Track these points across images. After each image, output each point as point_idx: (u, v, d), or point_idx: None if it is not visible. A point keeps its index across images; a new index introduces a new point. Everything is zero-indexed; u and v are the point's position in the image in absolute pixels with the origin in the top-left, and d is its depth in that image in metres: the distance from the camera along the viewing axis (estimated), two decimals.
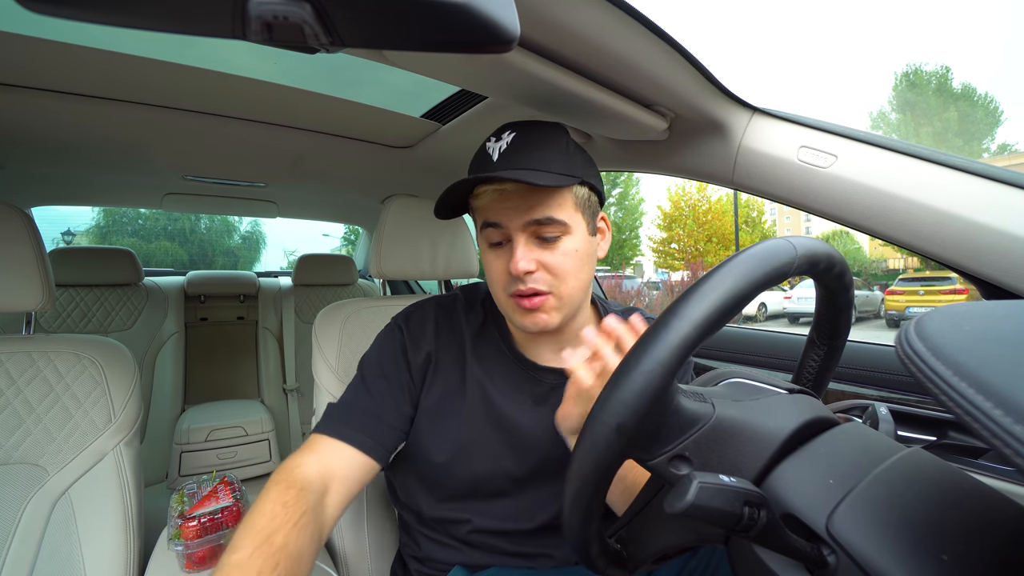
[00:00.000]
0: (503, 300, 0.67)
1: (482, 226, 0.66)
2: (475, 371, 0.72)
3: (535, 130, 0.64)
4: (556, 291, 0.64)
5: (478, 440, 0.70)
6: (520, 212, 0.62)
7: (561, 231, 0.63)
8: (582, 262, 0.65)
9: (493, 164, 0.63)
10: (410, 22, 0.24)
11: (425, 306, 0.78)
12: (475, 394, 0.71)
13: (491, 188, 0.63)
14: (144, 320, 1.99)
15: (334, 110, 1.08)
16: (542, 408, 0.71)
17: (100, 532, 0.78)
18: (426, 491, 0.74)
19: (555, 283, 0.63)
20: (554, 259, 0.63)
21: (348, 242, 12.45)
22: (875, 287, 14.94)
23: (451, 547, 0.73)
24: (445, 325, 0.75)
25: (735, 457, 0.38)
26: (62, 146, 1.22)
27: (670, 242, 19.50)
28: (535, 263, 0.62)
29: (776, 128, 0.76)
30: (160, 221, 18.60)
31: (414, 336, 0.73)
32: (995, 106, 22.80)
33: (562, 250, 0.63)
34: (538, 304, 0.63)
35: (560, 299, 0.64)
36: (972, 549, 0.29)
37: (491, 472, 0.70)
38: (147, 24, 0.24)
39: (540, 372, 0.72)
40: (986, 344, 0.24)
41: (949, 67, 22.99)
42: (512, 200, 0.62)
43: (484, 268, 0.69)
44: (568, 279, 0.64)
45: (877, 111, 25.12)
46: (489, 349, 0.73)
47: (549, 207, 0.62)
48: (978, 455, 0.72)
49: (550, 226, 0.62)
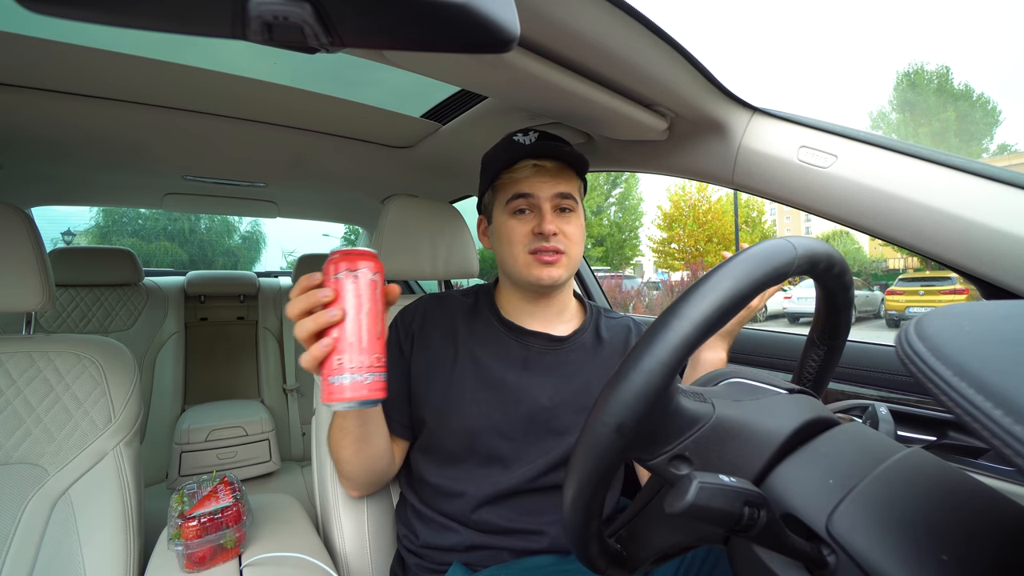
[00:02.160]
0: (521, 258, 0.78)
1: (512, 197, 0.78)
2: (466, 340, 0.82)
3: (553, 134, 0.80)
4: (568, 252, 0.78)
5: (468, 396, 0.78)
6: (551, 185, 0.77)
7: (573, 206, 0.79)
8: (583, 236, 0.82)
9: (528, 148, 0.76)
10: (410, 22, 0.24)
11: (418, 301, 0.89)
12: (465, 357, 0.80)
13: (530, 163, 0.77)
14: (144, 320, 1.99)
15: (334, 110, 1.08)
16: (529, 370, 0.80)
17: (100, 532, 0.78)
18: (427, 456, 0.80)
19: (568, 245, 0.78)
20: (569, 228, 0.79)
21: (348, 242, 12.45)
22: (875, 287, 14.94)
23: (449, 530, 0.76)
24: (434, 309, 0.86)
25: (735, 457, 0.38)
26: (62, 146, 1.22)
27: (670, 242, 19.51)
28: (556, 227, 0.77)
29: (776, 128, 0.75)
30: (160, 221, 18.60)
31: (406, 325, 0.84)
32: (993, 106, 22.81)
33: (575, 223, 0.80)
34: (555, 260, 0.77)
35: (570, 259, 0.79)
36: (972, 549, 0.29)
37: (482, 426, 0.76)
38: (147, 24, 0.24)
39: (527, 337, 0.82)
40: (986, 344, 0.24)
41: (949, 67, 23.00)
42: (546, 176, 0.77)
43: (503, 234, 0.80)
44: (576, 245, 0.80)
45: (877, 111, 25.12)
46: (480, 321, 0.84)
47: (571, 185, 0.79)
48: (978, 455, 0.72)
49: (569, 200, 0.78)
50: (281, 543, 0.80)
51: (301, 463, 2.03)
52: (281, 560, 0.75)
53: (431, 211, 1.12)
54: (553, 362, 0.82)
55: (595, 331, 0.87)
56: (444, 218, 1.13)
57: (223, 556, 0.75)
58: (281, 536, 0.83)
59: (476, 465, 0.76)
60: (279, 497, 0.98)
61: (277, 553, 0.76)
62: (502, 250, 0.81)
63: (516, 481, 0.75)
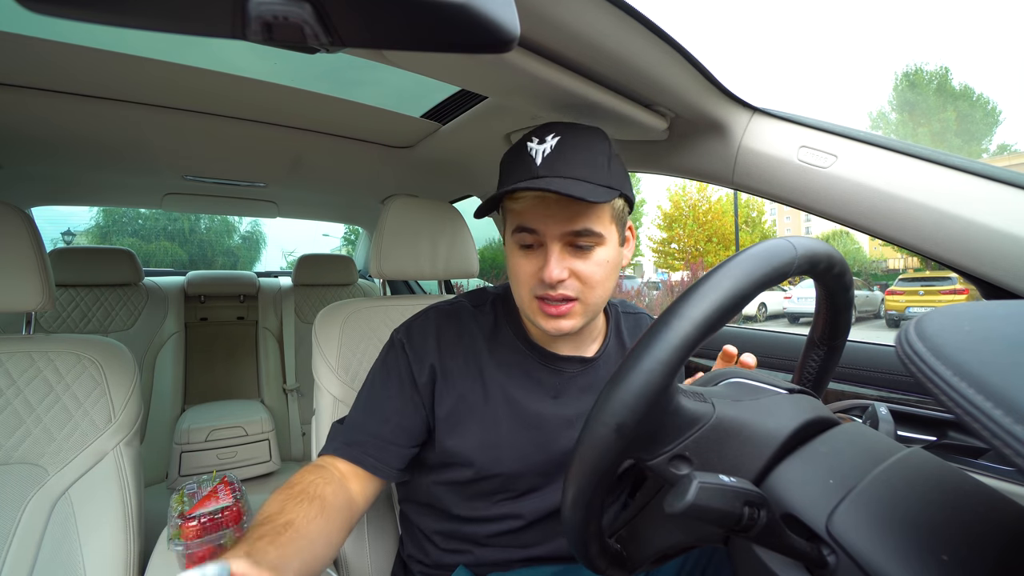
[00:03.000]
0: (527, 301, 0.67)
1: (516, 229, 0.65)
2: (494, 373, 0.72)
3: (580, 136, 0.62)
4: (584, 298, 0.64)
5: (507, 440, 0.69)
6: (559, 221, 0.61)
7: (595, 241, 0.63)
8: (611, 271, 0.65)
9: (536, 167, 0.60)
10: (410, 22, 0.24)
11: (427, 316, 0.76)
12: (496, 395, 0.71)
13: (532, 193, 0.61)
14: (144, 320, 1.99)
15: (334, 110, 1.08)
16: (563, 398, 0.72)
17: (100, 532, 0.78)
18: (455, 494, 0.73)
19: (584, 290, 0.64)
20: (586, 268, 0.63)
21: (348, 242, 12.45)
22: (875, 287, 14.93)
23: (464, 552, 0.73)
24: (449, 334, 0.74)
25: (735, 457, 0.38)
26: (62, 146, 1.22)
27: (670, 242, 19.50)
28: (567, 271, 0.62)
29: (776, 128, 0.75)
30: (160, 221, 18.59)
31: (417, 351, 0.72)
32: (993, 106, 22.80)
33: (595, 260, 0.63)
34: (565, 311, 0.64)
35: (586, 305, 0.65)
36: (972, 549, 0.29)
37: (522, 470, 0.70)
38: (147, 24, 0.24)
39: (559, 362, 0.73)
40: (986, 344, 0.24)
41: (948, 68, 22.99)
42: (552, 208, 0.61)
43: (509, 266, 0.69)
44: (597, 288, 0.64)
45: (877, 111, 25.12)
46: (505, 349, 0.73)
47: (588, 219, 0.61)
48: (978, 455, 0.72)
49: (587, 237, 0.62)
50: None
51: (301, 463, 2.03)
52: None
53: (431, 211, 1.12)
54: (584, 383, 0.75)
55: (617, 337, 0.80)
56: (444, 218, 1.13)
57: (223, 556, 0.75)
58: None
59: (510, 498, 0.72)
60: None
61: None
62: (511, 281, 0.70)
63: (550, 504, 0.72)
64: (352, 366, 0.97)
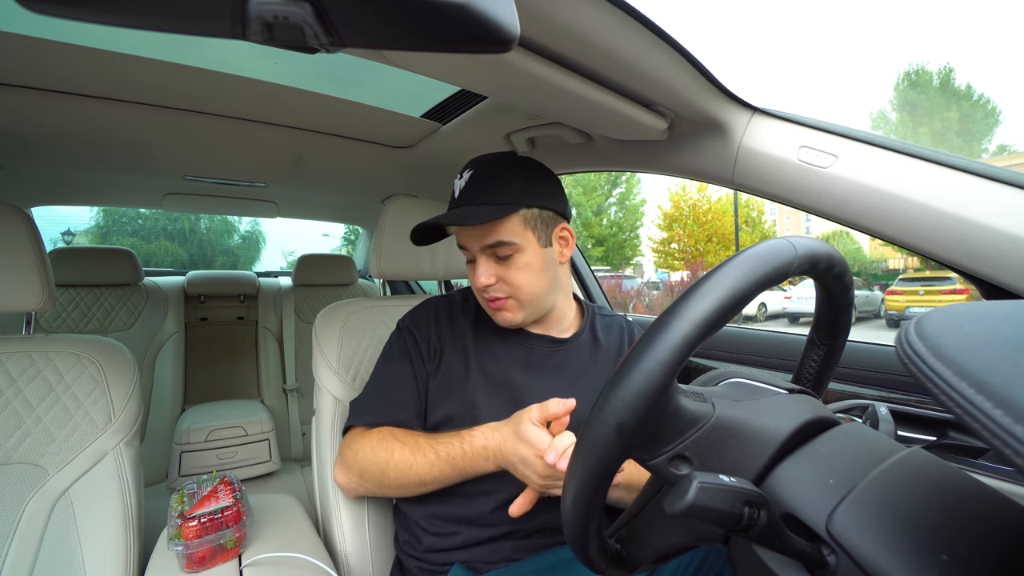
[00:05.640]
0: (480, 300, 0.82)
1: (459, 247, 0.81)
2: (477, 350, 0.84)
3: (488, 167, 0.77)
4: (515, 296, 0.78)
5: (483, 399, 0.79)
6: (475, 238, 0.77)
7: (512, 250, 0.76)
8: (537, 271, 0.78)
9: (455, 199, 0.78)
10: (410, 22, 0.24)
11: (425, 305, 0.91)
12: (476, 366, 0.82)
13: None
14: (144, 320, 1.99)
15: (334, 110, 1.08)
16: (534, 371, 0.83)
17: (100, 532, 0.78)
18: None
19: (512, 291, 0.77)
20: (508, 273, 0.77)
21: (348, 242, 12.44)
22: (875, 287, 14.92)
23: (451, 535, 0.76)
24: (445, 318, 0.88)
25: (735, 457, 0.38)
26: (62, 146, 1.22)
27: (670, 242, 19.49)
28: (494, 277, 0.77)
29: (776, 128, 0.75)
30: (160, 221, 18.57)
31: (421, 331, 0.86)
32: (993, 106, 22.80)
33: (515, 265, 0.77)
34: (503, 306, 0.79)
35: (520, 302, 0.79)
36: (973, 549, 0.29)
37: None
38: (147, 24, 0.24)
39: (529, 339, 0.85)
40: (986, 344, 0.24)
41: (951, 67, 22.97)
42: (468, 229, 0.77)
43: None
44: (523, 287, 0.77)
45: (877, 111, 25.11)
46: (486, 332, 0.86)
47: (497, 232, 0.75)
48: (978, 455, 0.72)
49: (502, 247, 0.75)
50: (281, 543, 0.80)
51: (301, 463, 2.03)
52: (281, 560, 0.75)
53: (431, 211, 1.12)
54: (557, 362, 0.84)
55: (591, 332, 0.89)
56: None
57: (223, 556, 0.75)
58: (281, 536, 0.83)
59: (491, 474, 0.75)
60: (279, 497, 0.98)
61: (277, 553, 0.76)
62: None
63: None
64: (352, 366, 0.97)
